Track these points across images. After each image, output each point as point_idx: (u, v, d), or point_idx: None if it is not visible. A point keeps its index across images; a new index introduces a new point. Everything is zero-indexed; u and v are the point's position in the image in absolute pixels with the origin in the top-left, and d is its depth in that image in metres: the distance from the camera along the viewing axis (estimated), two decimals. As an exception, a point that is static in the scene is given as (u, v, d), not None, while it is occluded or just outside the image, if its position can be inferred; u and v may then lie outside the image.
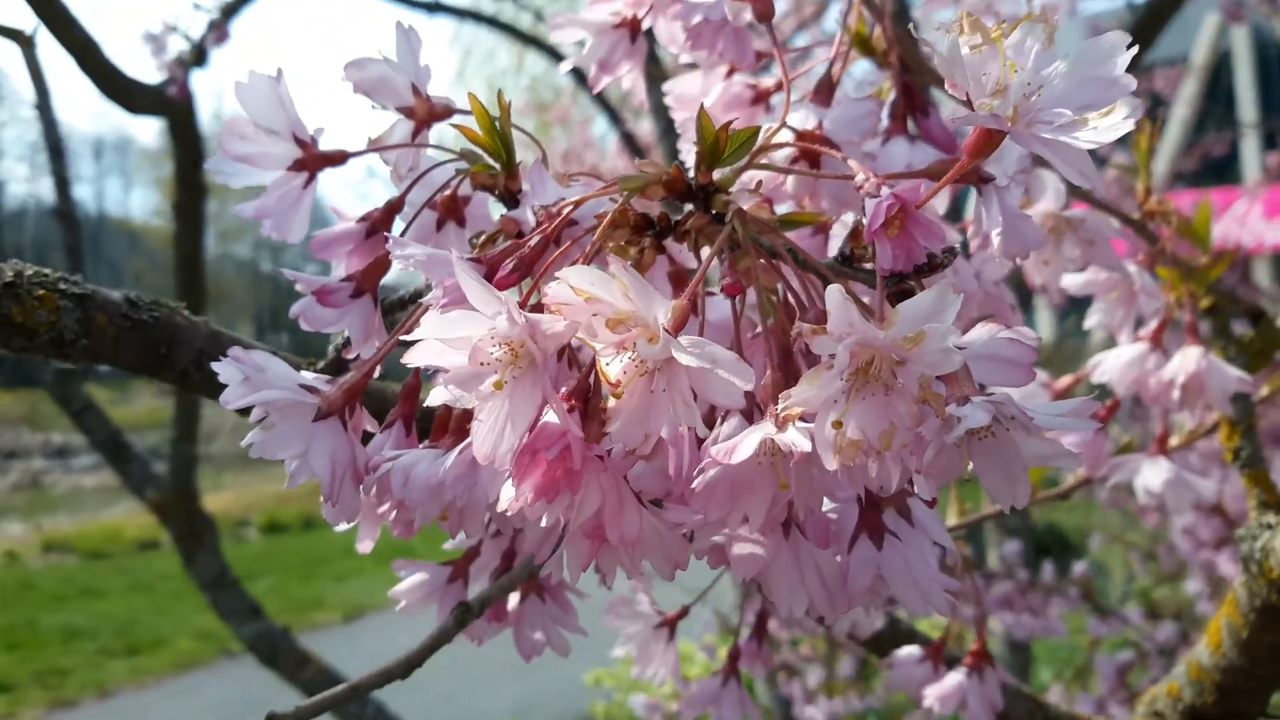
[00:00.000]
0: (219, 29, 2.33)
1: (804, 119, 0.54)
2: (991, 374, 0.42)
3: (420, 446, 0.53)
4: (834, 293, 0.37)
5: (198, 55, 2.53)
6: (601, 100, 4.76)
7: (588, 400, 0.42)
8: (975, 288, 0.58)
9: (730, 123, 0.45)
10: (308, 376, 0.52)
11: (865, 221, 0.41)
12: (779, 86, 0.67)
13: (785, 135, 0.54)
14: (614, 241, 0.46)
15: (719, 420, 0.47)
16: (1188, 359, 0.73)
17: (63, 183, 3.51)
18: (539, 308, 0.42)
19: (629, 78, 0.66)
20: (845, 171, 0.52)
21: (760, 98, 0.68)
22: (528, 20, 5.84)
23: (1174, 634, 3.28)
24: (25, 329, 0.60)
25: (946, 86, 0.40)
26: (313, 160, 0.56)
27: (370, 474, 0.51)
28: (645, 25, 0.63)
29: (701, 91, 0.65)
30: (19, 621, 9.04)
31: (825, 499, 0.44)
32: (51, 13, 2.35)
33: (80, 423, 3.29)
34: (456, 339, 0.40)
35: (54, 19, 2.37)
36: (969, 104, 0.39)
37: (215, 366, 0.48)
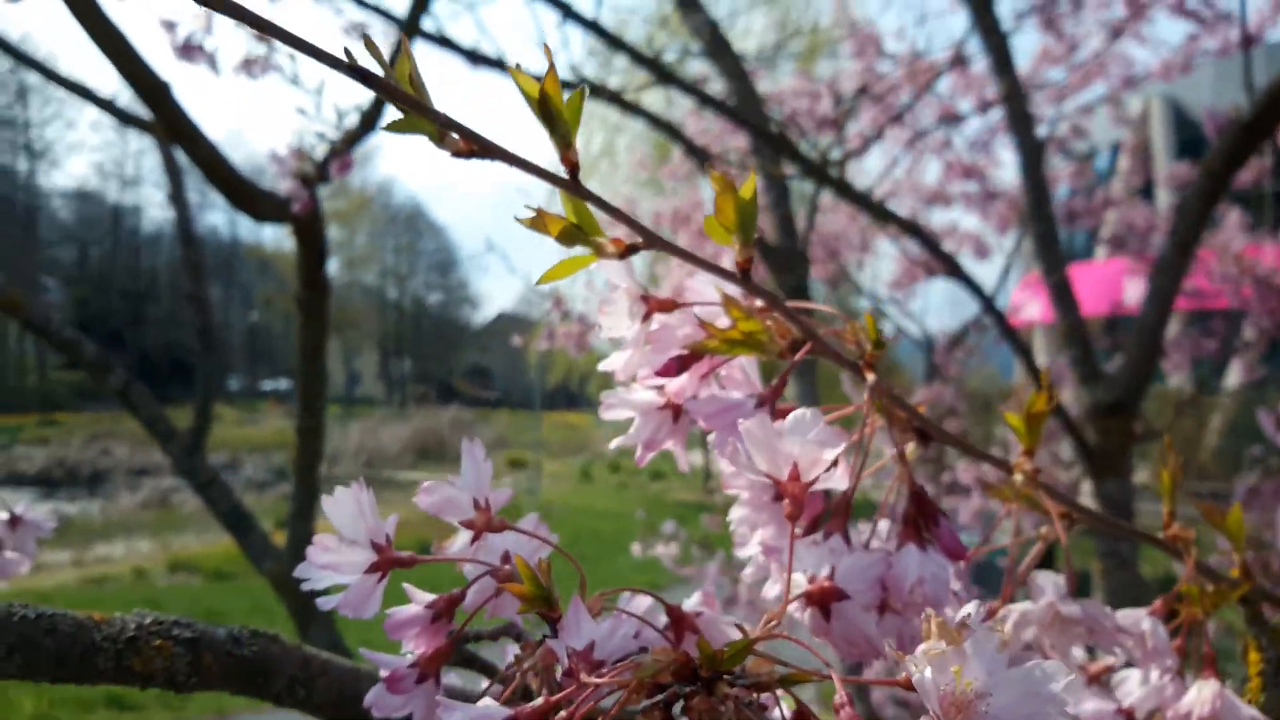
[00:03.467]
0: (342, 156, 2.47)
1: (819, 560, 0.61)
2: None
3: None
4: None
5: (321, 174, 2.67)
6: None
7: None
8: None
9: (725, 647, 0.52)
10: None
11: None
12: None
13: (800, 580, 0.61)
14: (630, 704, 0.54)
15: None
16: (1204, 695, 0.77)
17: (196, 270, 3.74)
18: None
19: (673, 448, 0.73)
20: (857, 621, 0.59)
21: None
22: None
23: None
24: (142, 675, 0.70)
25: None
26: (385, 563, 0.65)
27: None
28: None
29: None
30: (146, 641, 9.43)
31: None
32: (180, 129, 2.52)
33: (205, 495, 3.47)
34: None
35: (183, 135, 2.55)
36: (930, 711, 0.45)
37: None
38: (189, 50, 2.23)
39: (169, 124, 2.55)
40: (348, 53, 0.49)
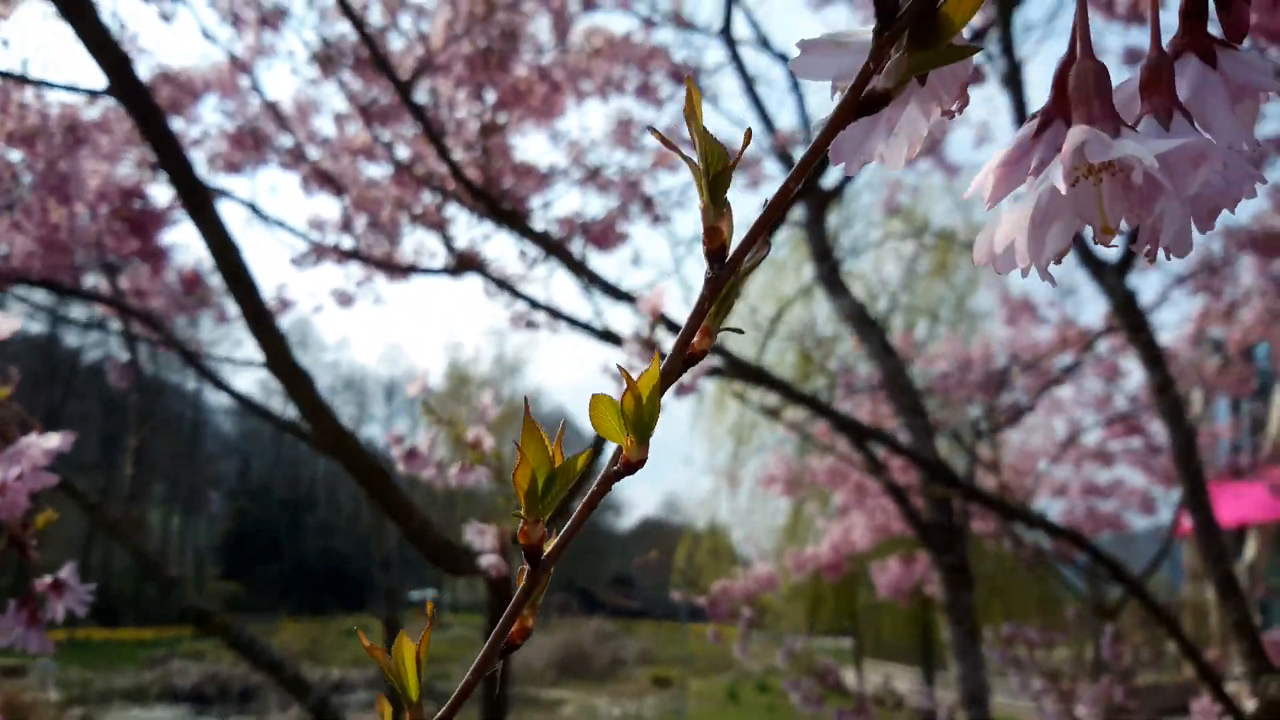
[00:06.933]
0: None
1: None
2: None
3: None
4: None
5: (514, 542, 2.84)
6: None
7: None
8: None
9: None
10: None
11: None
12: None
13: None
14: None
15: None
16: None
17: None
18: None
19: None
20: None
21: None
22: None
23: None
24: None
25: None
26: None
27: None
28: None
29: None
30: None
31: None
32: (396, 508, 2.73)
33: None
34: None
35: (398, 511, 2.75)
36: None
37: None
38: (412, 457, 2.45)
39: (386, 504, 2.79)
40: None
